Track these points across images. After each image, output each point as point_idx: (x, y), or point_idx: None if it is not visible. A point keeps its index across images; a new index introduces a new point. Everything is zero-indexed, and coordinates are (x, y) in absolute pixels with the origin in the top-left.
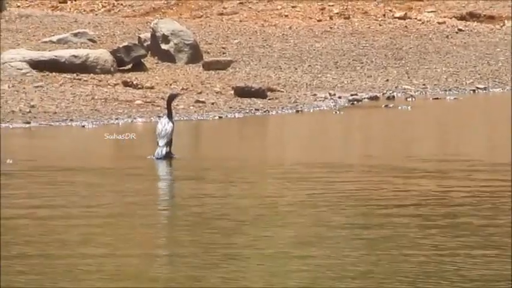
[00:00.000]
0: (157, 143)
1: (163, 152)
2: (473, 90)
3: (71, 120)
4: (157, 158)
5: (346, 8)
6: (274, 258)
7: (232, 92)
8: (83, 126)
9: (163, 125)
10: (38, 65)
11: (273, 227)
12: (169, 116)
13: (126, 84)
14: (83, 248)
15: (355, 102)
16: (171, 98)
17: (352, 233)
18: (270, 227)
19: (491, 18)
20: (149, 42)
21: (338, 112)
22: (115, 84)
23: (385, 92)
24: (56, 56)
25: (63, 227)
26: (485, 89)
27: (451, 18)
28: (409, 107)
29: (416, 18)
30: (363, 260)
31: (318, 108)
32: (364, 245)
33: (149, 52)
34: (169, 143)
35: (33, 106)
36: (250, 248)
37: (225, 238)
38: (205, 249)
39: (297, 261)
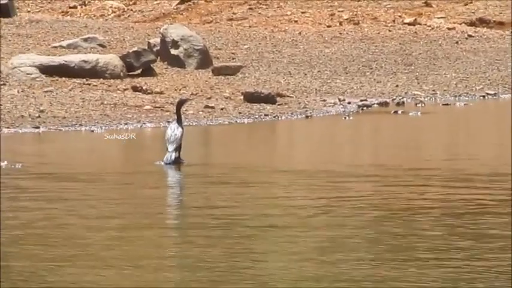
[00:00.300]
0: (167, 149)
1: (173, 158)
2: (483, 96)
3: (80, 125)
4: (166, 164)
5: (355, 14)
6: (298, 262)
7: (242, 97)
8: (92, 131)
9: (173, 130)
10: (47, 70)
11: (296, 232)
12: (179, 121)
13: (135, 89)
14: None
15: (365, 107)
16: (181, 103)
17: (376, 239)
18: (293, 232)
19: (500, 24)
20: (159, 48)
21: (347, 118)
22: (124, 89)
23: (394, 97)
24: (65, 61)
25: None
26: (495, 94)
27: (460, 24)
28: (418, 113)
29: (426, 24)
30: (385, 266)
31: (327, 114)
32: (386, 251)
33: (159, 57)
34: (178, 149)
35: (42, 111)
36: (275, 253)
37: (248, 243)
38: (230, 254)
39: (321, 266)
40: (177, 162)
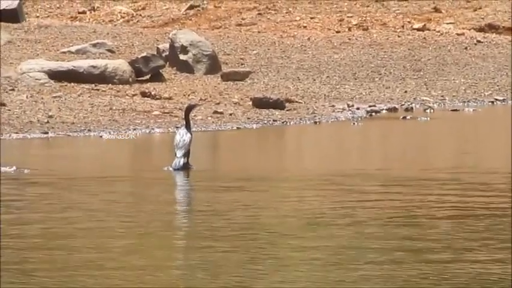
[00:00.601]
0: (175, 154)
1: (181, 163)
2: (492, 102)
3: (89, 130)
4: (174, 169)
5: (364, 20)
6: (320, 267)
7: (251, 103)
8: (101, 136)
9: (181, 135)
10: (56, 75)
11: (315, 237)
12: (187, 126)
13: (144, 94)
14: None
15: (374, 113)
16: (189, 108)
17: (398, 244)
18: (312, 237)
19: (510, 29)
20: (168, 53)
21: (356, 123)
22: (133, 95)
23: (403, 103)
24: (74, 67)
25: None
26: (503, 100)
27: (469, 29)
28: (427, 119)
29: (435, 30)
30: (408, 272)
31: (336, 120)
32: (407, 256)
33: (167, 63)
34: (187, 154)
35: (51, 116)
36: (295, 258)
37: (269, 248)
38: (251, 258)
39: (344, 271)
40: (185, 168)
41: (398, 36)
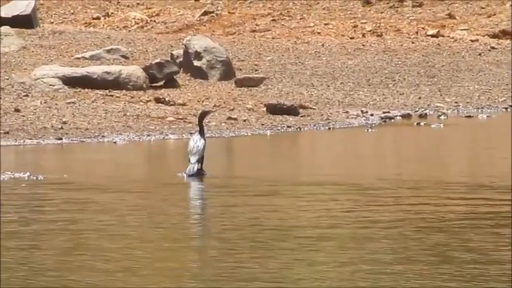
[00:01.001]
0: (189, 160)
1: (195, 169)
2: (506, 108)
3: (103, 136)
4: (188, 175)
5: (378, 26)
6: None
7: (265, 109)
8: (115, 142)
9: (195, 141)
10: (70, 81)
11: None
12: (201, 132)
13: (158, 100)
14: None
15: (388, 119)
16: (203, 114)
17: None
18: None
19: None
20: (182, 59)
21: (370, 130)
22: (147, 101)
23: (417, 109)
24: (88, 72)
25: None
26: None
27: (483, 36)
28: (441, 125)
29: (449, 36)
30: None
31: (349, 126)
32: (442, 262)
33: (181, 69)
34: (200, 160)
35: (65, 122)
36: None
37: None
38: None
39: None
40: (199, 174)
41: (413, 43)
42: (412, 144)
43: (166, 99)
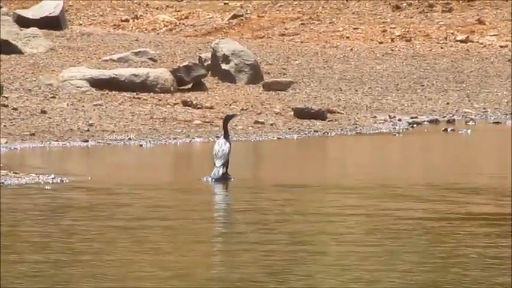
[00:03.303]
0: (214, 164)
1: (220, 173)
2: None
3: (129, 139)
4: (213, 179)
5: (408, 31)
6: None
7: (292, 113)
8: (141, 145)
9: (220, 145)
10: (98, 84)
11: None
12: (226, 136)
13: (185, 103)
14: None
15: (415, 125)
16: (228, 118)
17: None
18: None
19: None
20: (210, 62)
21: (398, 135)
22: (174, 104)
23: (445, 115)
24: (116, 75)
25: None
26: None
27: None
28: (468, 131)
29: (478, 42)
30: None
31: (377, 131)
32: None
33: (209, 72)
34: (225, 164)
35: (91, 124)
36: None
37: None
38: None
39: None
40: (224, 178)
41: (442, 48)
42: (440, 150)
43: (194, 102)
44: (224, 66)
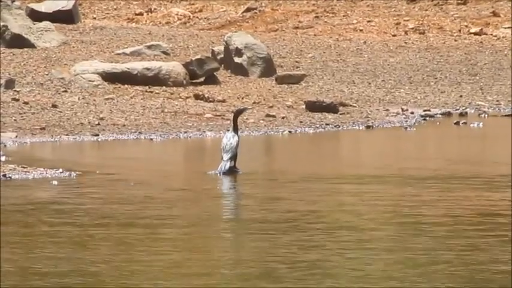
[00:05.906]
0: (222, 157)
1: (227, 167)
2: None
3: (140, 133)
4: (220, 173)
5: (421, 23)
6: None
7: (304, 106)
8: (151, 139)
9: (228, 139)
10: (110, 77)
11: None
12: (235, 130)
13: (197, 97)
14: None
15: (428, 118)
16: (238, 112)
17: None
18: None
19: None
20: (222, 55)
21: (410, 128)
22: (186, 97)
23: (458, 108)
24: (128, 68)
25: None
26: None
27: None
28: (480, 124)
29: (492, 34)
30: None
31: (389, 124)
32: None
33: (222, 65)
34: (233, 158)
35: (102, 118)
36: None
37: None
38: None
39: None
40: (231, 172)
41: (455, 40)
42: (454, 143)
43: (206, 95)
44: (237, 59)
